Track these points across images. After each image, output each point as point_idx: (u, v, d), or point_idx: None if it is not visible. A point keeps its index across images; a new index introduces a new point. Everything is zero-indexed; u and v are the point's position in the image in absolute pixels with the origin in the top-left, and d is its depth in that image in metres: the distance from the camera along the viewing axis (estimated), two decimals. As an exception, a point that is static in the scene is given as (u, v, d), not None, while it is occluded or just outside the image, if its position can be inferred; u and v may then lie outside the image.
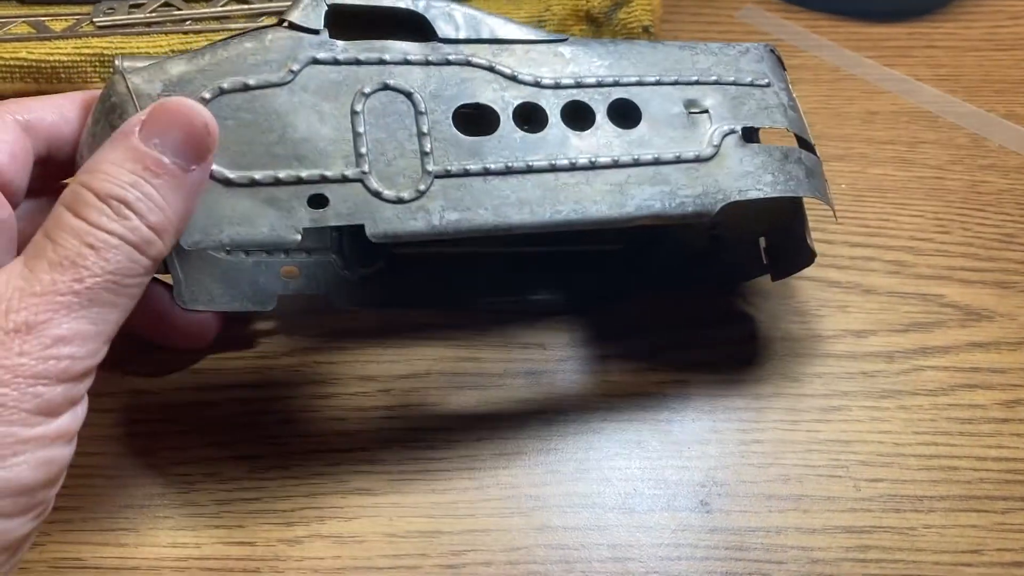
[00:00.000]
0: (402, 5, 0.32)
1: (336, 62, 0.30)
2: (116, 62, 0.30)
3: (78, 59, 0.46)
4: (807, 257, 0.36)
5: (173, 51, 0.47)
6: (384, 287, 0.39)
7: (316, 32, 0.30)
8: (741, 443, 0.36)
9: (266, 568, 0.32)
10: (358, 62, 0.30)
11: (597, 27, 0.50)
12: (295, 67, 0.30)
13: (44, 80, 0.46)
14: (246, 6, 0.49)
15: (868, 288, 0.42)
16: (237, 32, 0.30)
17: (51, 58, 0.46)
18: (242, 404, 0.36)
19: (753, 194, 0.33)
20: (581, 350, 0.39)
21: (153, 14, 0.48)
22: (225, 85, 0.29)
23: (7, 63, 0.46)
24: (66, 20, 0.48)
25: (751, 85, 0.35)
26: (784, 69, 0.37)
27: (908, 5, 0.56)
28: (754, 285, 0.41)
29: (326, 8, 0.30)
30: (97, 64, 0.46)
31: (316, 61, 0.30)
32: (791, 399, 0.38)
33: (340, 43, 0.30)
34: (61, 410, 0.25)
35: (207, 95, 0.29)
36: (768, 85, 0.35)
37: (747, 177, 0.33)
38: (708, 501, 0.34)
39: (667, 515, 0.34)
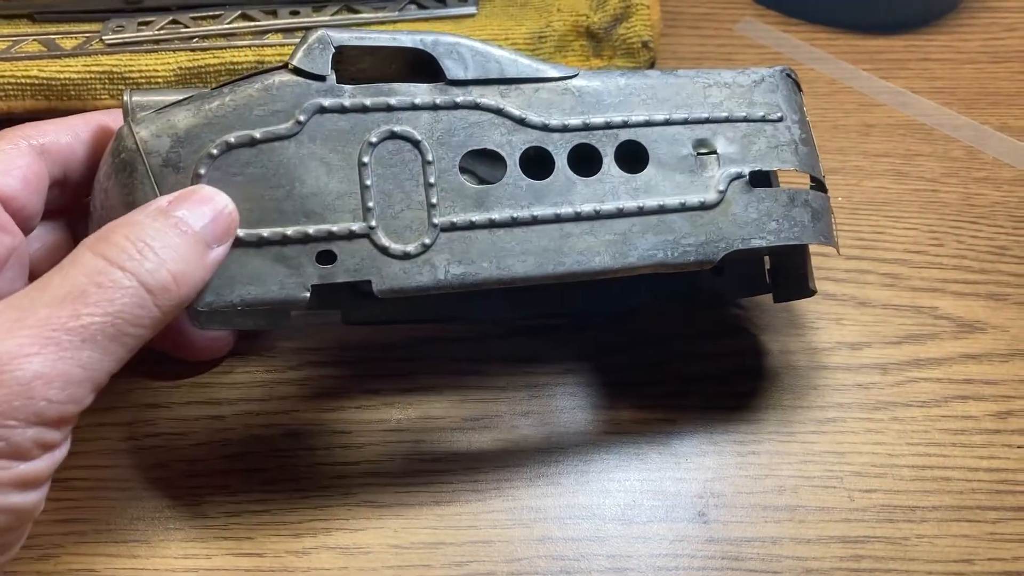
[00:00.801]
0: (408, 44, 0.32)
1: (343, 109, 0.30)
2: (124, 97, 0.30)
3: (88, 76, 0.47)
4: (807, 293, 0.37)
5: (181, 68, 0.47)
6: (395, 304, 0.40)
7: (323, 78, 0.30)
8: (738, 455, 0.37)
9: (274, 579, 0.33)
10: (365, 108, 0.30)
11: (597, 42, 0.51)
12: (302, 117, 0.30)
13: (55, 98, 0.47)
14: (252, 23, 0.49)
15: (863, 300, 0.42)
16: (242, 76, 0.31)
17: (61, 76, 0.47)
18: (250, 417, 0.37)
19: (756, 243, 0.33)
20: (582, 364, 0.39)
21: (161, 31, 0.49)
22: (232, 140, 0.29)
23: (18, 81, 0.46)
24: (76, 38, 0.48)
25: (763, 120, 0.34)
26: (800, 91, 0.37)
27: (904, 18, 0.57)
28: (751, 299, 0.42)
29: (332, 51, 0.30)
30: (107, 81, 0.47)
31: (323, 109, 0.30)
32: (787, 411, 0.38)
33: (347, 88, 0.30)
34: (29, 455, 0.23)
35: (215, 151, 0.29)
36: (781, 120, 0.35)
37: (751, 225, 0.33)
38: (705, 512, 0.35)
39: (665, 526, 0.35)
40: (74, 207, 0.33)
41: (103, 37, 0.48)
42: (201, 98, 0.30)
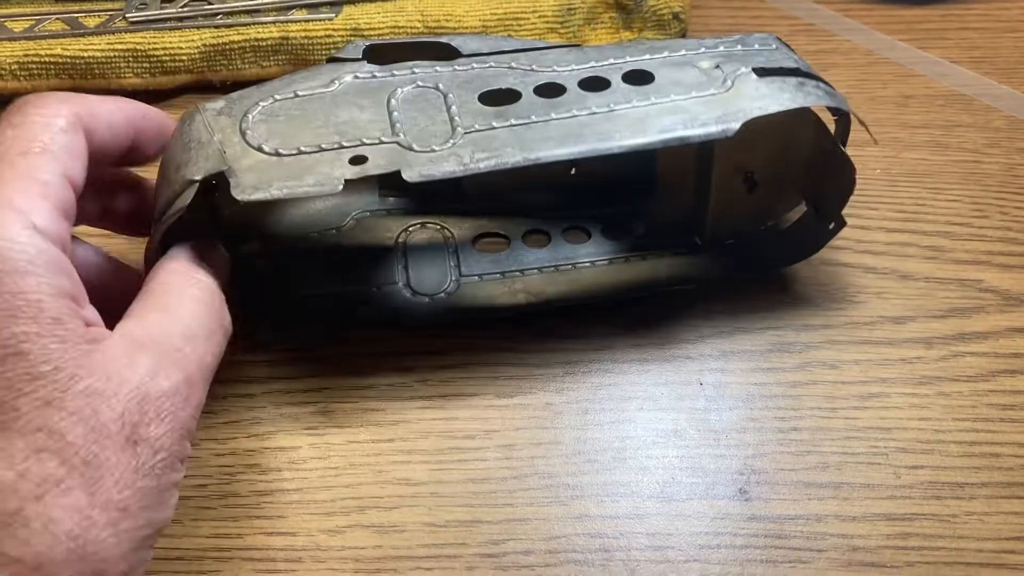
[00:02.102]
0: (431, 40, 0.36)
1: (373, 76, 0.34)
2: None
3: (112, 55, 0.46)
4: (848, 174, 0.37)
5: (206, 45, 0.47)
6: (448, 309, 0.39)
7: (356, 60, 0.35)
8: (779, 431, 0.36)
9: (308, 558, 0.32)
10: (393, 74, 0.35)
11: (627, 14, 0.50)
12: (338, 80, 0.34)
13: (79, 76, 0.47)
14: (276, -1, 0.49)
15: (905, 274, 0.41)
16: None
17: (85, 54, 0.46)
18: (280, 396, 0.36)
19: (773, 107, 0.34)
20: (618, 340, 0.38)
21: (185, 8, 0.48)
22: (277, 96, 0.33)
23: (43, 60, 0.46)
24: (99, 16, 0.48)
25: (759, 49, 0.37)
26: (793, 52, 0.38)
27: (941, -14, 0.56)
28: (791, 273, 0.41)
29: (365, 47, 0.35)
30: (130, 59, 0.47)
31: (356, 77, 0.34)
32: (829, 386, 0.37)
33: (376, 66, 0.35)
34: (187, 456, 0.27)
35: (262, 104, 0.33)
36: (776, 49, 0.37)
37: (765, 98, 0.34)
38: (747, 489, 0.34)
39: (705, 503, 0.34)
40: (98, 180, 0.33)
41: (126, 15, 0.48)
42: (256, 86, 0.34)
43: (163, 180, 0.33)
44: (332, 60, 0.35)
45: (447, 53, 0.36)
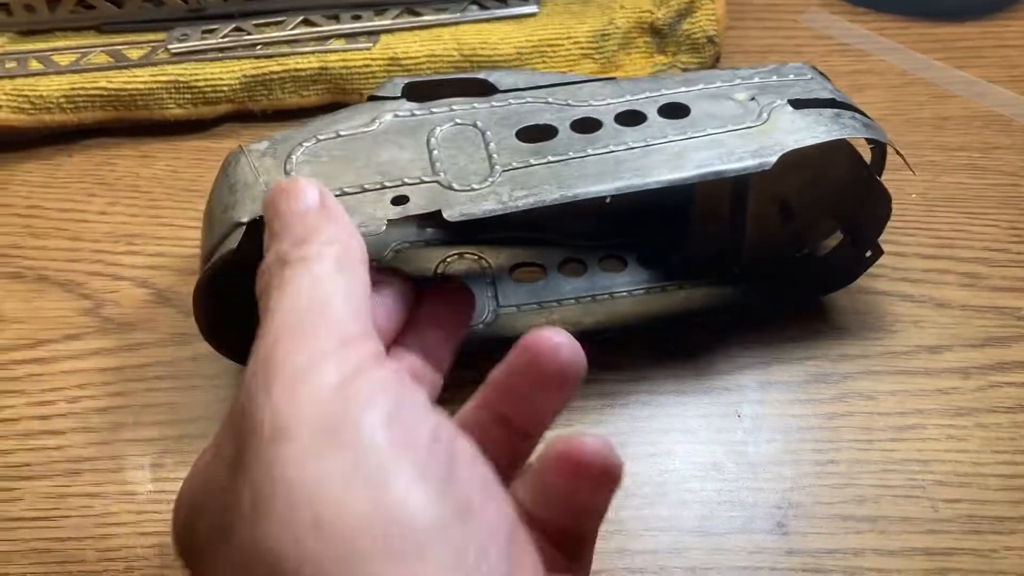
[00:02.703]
0: (468, 76, 0.37)
1: (412, 115, 0.35)
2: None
3: (155, 86, 0.47)
4: (884, 204, 0.37)
5: (246, 76, 0.48)
6: (487, 340, 0.40)
7: (395, 98, 0.36)
8: (816, 464, 0.36)
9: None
10: (431, 112, 0.35)
11: (662, 38, 0.50)
12: (379, 120, 0.35)
13: (123, 108, 0.48)
14: (315, 29, 0.50)
15: (942, 302, 0.41)
16: None
17: (129, 86, 0.47)
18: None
19: (809, 140, 0.34)
20: (655, 371, 0.39)
21: (225, 39, 0.49)
22: (320, 136, 0.34)
23: (88, 93, 0.47)
24: (142, 48, 0.49)
25: (794, 80, 0.37)
26: (829, 80, 0.39)
27: (979, 2, 0.55)
28: (828, 301, 0.41)
29: (403, 84, 0.36)
30: (173, 91, 0.48)
31: (396, 115, 0.35)
32: (866, 418, 0.37)
33: (415, 104, 0.36)
34: None
35: (305, 144, 0.34)
36: (811, 79, 0.38)
37: (801, 131, 0.35)
38: (784, 523, 0.35)
39: (744, 537, 0.34)
40: None
41: (168, 46, 0.49)
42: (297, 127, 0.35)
43: (209, 222, 0.34)
44: (372, 98, 0.36)
45: (484, 89, 0.36)
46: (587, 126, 0.35)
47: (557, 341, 0.25)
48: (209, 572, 0.21)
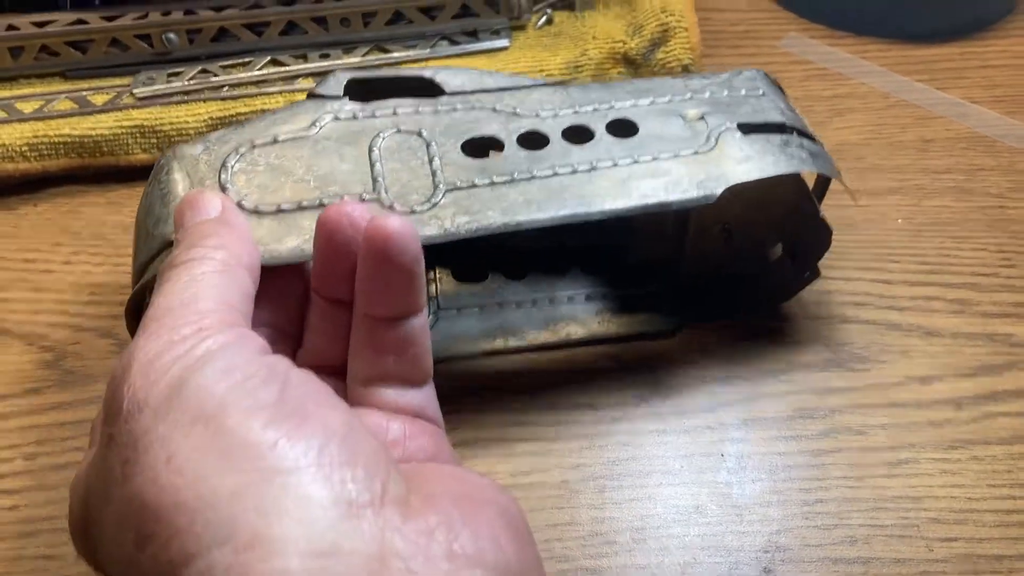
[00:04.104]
0: (412, 74, 0.35)
1: (355, 118, 0.34)
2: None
3: (119, 132, 0.46)
4: (824, 235, 0.36)
5: (212, 118, 0.47)
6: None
7: (337, 98, 0.34)
8: (804, 504, 0.35)
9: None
10: (374, 116, 0.34)
11: (636, 68, 0.49)
12: (319, 123, 0.33)
13: (88, 155, 0.47)
14: (283, 69, 0.49)
15: (931, 330, 0.40)
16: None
17: (93, 132, 0.46)
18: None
19: (755, 174, 0.34)
20: (635, 410, 0.37)
21: (191, 82, 0.48)
22: (256, 141, 0.33)
23: (52, 140, 0.46)
24: (107, 93, 0.48)
25: (745, 96, 0.36)
26: (782, 91, 0.38)
27: (959, 23, 0.54)
28: (813, 332, 0.40)
29: (346, 80, 0.34)
30: (138, 135, 0.47)
31: (337, 119, 0.34)
32: (855, 453, 0.36)
33: (358, 104, 0.34)
34: None
35: (242, 149, 0.32)
36: (763, 95, 0.37)
37: (747, 162, 0.34)
38: (771, 568, 0.33)
39: (730, 585, 0.33)
40: None
41: (133, 90, 0.48)
42: (234, 126, 0.34)
43: (141, 232, 0.33)
44: (312, 96, 0.34)
45: (429, 88, 0.35)
46: (534, 141, 0.34)
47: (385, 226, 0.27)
48: (98, 541, 0.23)
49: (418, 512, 0.23)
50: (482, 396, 0.38)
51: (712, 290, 0.41)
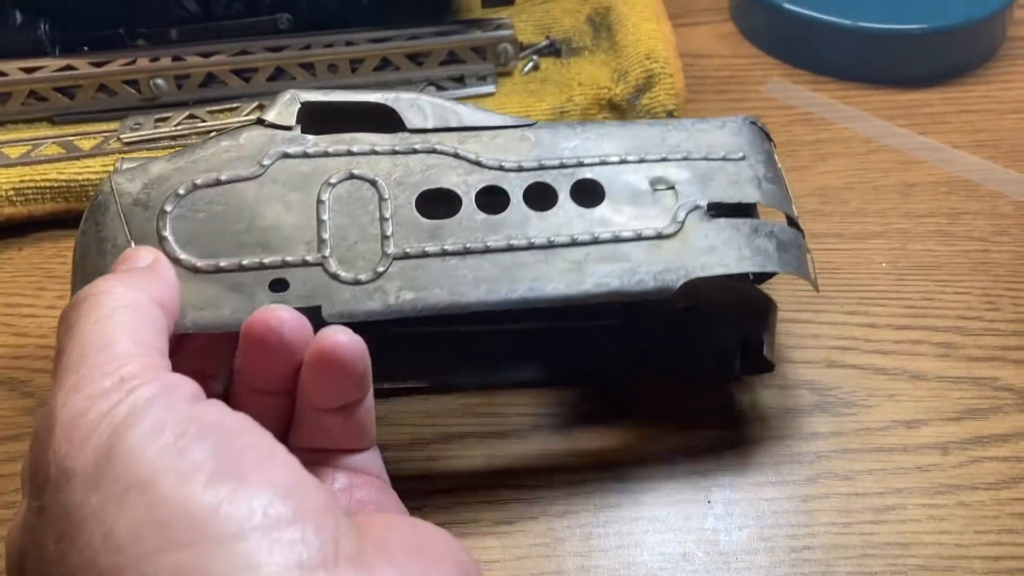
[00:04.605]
0: (373, 100, 0.33)
1: (306, 155, 0.32)
2: (116, 163, 0.32)
3: (105, 176, 0.46)
4: (765, 366, 0.35)
5: (199, 163, 0.47)
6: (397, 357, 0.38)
7: (289, 128, 0.32)
8: (792, 551, 0.34)
9: None
10: (327, 154, 0.32)
11: (621, 114, 0.50)
12: (266, 161, 0.31)
13: (74, 199, 0.47)
14: (269, 114, 0.49)
15: (916, 374, 0.40)
16: (217, 132, 0.32)
17: (80, 177, 0.46)
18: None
19: (717, 270, 0.32)
20: (622, 455, 0.37)
21: (179, 127, 0.48)
22: (198, 181, 0.31)
23: (38, 184, 0.46)
24: (94, 138, 0.48)
25: (723, 160, 0.34)
26: (770, 141, 0.36)
27: (939, 69, 0.55)
28: (798, 377, 0.40)
29: (299, 105, 0.32)
30: (125, 180, 0.47)
31: (287, 155, 0.31)
32: (842, 499, 0.36)
33: (311, 137, 0.32)
34: None
35: (181, 191, 0.30)
36: (743, 159, 0.34)
37: (711, 252, 0.32)
38: (760, 617, 0.33)
39: (717, 634, 0.32)
40: None
41: (121, 136, 0.48)
42: (179, 152, 0.32)
43: (79, 274, 0.31)
44: (262, 122, 0.32)
45: (388, 118, 0.33)
46: (492, 203, 0.32)
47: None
48: None
49: (373, 566, 0.22)
50: (465, 442, 0.38)
51: (675, 334, 0.40)
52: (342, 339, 0.27)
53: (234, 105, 0.49)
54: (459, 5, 0.55)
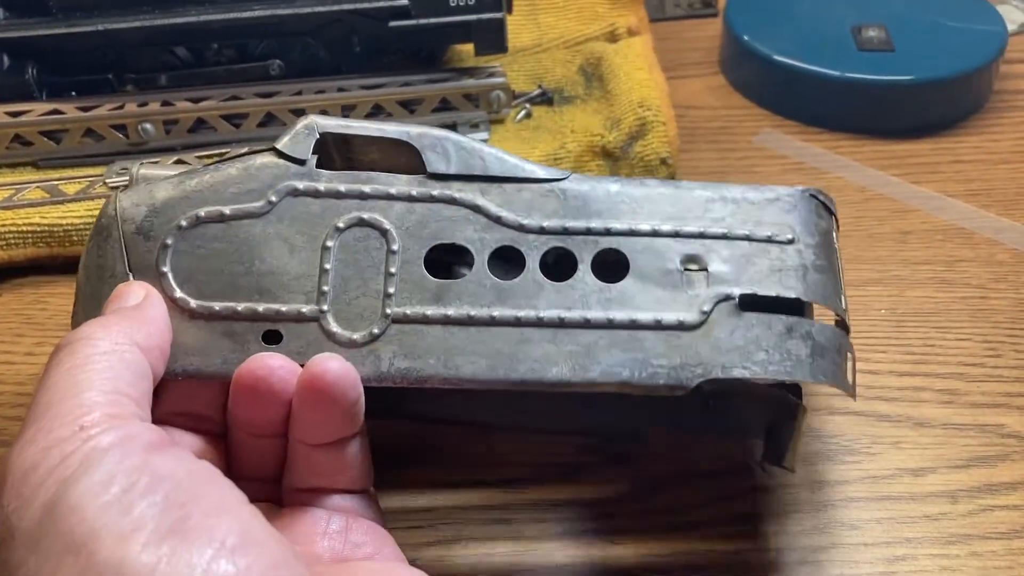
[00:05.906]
0: (393, 135, 0.32)
1: (317, 193, 0.30)
2: (133, 169, 0.32)
3: (91, 221, 0.45)
4: (785, 467, 0.32)
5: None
6: (382, 400, 0.35)
7: (302, 162, 0.30)
8: (800, 603, 0.33)
9: None
10: (339, 194, 0.30)
11: (614, 161, 0.49)
12: (274, 198, 0.30)
13: (56, 244, 0.46)
14: (259, 159, 0.48)
15: (921, 421, 0.39)
16: (231, 156, 0.31)
17: (63, 222, 0.45)
18: None
19: (737, 372, 0.29)
20: (620, 506, 0.36)
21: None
22: (202, 213, 0.30)
23: (20, 229, 0.45)
24: (79, 183, 0.47)
25: (768, 241, 0.31)
26: (831, 215, 0.33)
27: (930, 120, 0.55)
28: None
29: (316, 138, 0.31)
30: (110, 225, 0.46)
31: (296, 192, 0.30)
32: (851, 550, 0.34)
33: (325, 173, 0.30)
34: None
35: (184, 223, 0.30)
36: (791, 242, 0.31)
37: (734, 352, 0.29)
38: (770, 673, 0.31)
39: None
40: None
41: (106, 180, 0.47)
42: (188, 173, 0.31)
43: (80, 299, 0.30)
44: (276, 152, 0.31)
45: (410, 160, 0.31)
46: (507, 264, 0.30)
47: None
48: None
49: None
50: (459, 489, 0.37)
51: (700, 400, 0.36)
52: (333, 366, 0.26)
53: (223, 151, 0.49)
54: (452, 53, 0.55)
